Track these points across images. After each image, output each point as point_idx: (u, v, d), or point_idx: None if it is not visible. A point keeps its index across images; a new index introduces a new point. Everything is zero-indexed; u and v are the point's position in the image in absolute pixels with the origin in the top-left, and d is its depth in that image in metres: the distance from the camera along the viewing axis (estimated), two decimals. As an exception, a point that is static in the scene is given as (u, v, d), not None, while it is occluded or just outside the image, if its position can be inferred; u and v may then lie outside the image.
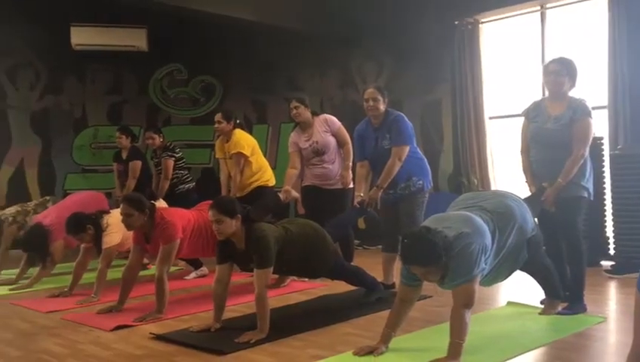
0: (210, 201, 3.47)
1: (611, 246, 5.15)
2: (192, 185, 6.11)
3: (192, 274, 5.25)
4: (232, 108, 6.64)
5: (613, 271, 4.76)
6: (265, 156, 5.67)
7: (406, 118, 4.22)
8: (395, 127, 4.14)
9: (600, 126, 5.21)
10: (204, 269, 5.26)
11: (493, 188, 6.09)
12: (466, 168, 6.30)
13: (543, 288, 3.60)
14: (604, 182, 5.19)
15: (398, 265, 3.58)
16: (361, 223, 6.43)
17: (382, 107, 4.17)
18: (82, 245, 4.51)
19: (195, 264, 5.27)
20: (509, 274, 3.28)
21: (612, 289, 4.42)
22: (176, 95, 7.72)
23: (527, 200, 3.44)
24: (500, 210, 3.09)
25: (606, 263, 5.09)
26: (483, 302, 3.84)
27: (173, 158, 5.96)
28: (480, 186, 6.09)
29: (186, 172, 6.14)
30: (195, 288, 4.82)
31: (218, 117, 5.28)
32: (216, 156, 5.55)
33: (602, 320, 3.45)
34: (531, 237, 3.22)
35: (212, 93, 7.73)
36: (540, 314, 3.56)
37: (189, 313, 3.89)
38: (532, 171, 3.69)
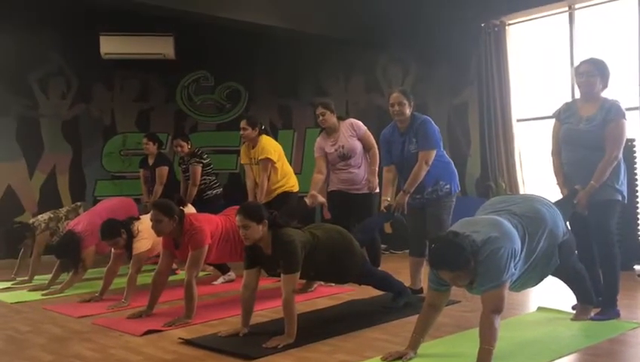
0: (237, 206, 3.49)
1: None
2: (219, 190, 6.17)
3: (220, 279, 5.29)
4: (258, 114, 6.69)
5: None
6: (290, 162, 5.69)
7: (432, 122, 4.20)
8: (422, 131, 4.11)
9: (632, 127, 5.10)
10: (231, 274, 5.29)
11: (521, 191, 6.01)
12: (494, 172, 6.22)
13: (575, 293, 3.54)
14: (636, 185, 5.09)
15: (425, 270, 3.57)
16: (388, 228, 6.41)
17: (407, 111, 4.15)
18: (113, 251, 4.58)
19: (223, 269, 5.31)
20: (540, 280, 3.23)
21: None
22: (203, 101, 7.79)
23: (558, 203, 3.39)
24: (530, 214, 3.05)
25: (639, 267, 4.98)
26: (513, 307, 3.79)
27: (201, 164, 6.02)
28: (508, 190, 6.02)
29: (214, 178, 6.20)
30: (223, 293, 4.85)
31: (243, 123, 5.32)
32: (242, 162, 5.59)
33: (637, 326, 3.38)
34: (563, 242, 3.17)
35: (238, 100, 7.79)
36: (571, 319, 3.50)
37: (217, 318, 3.91)
38: (564, 173, 3.63)
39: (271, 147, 5.27)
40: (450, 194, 4.17)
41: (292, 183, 5.37)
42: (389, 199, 4.26)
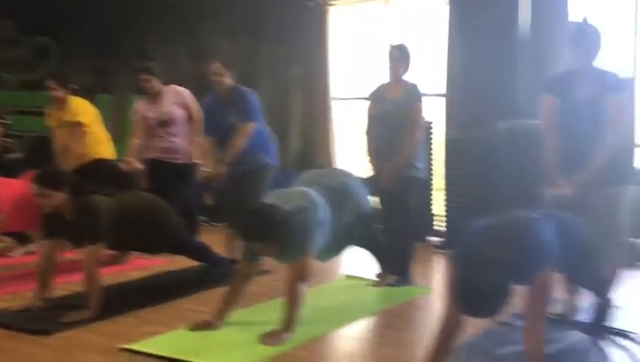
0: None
1: (437, 223, 5.56)
2: (21, 154, 5.63)
3: (19, 251, 4.85)
4: (71, 74, 6.17)
5: (442, 247, 5.17)
6: (108, 128, 5.34)
7: (252, 94, 4.21)
8: (242, 104, 4.11)
9: (434, 111, 5.59)
10: (32, 246, 4.87)
11: (337, 166, 6.30)
12: (313, 147, 6.45)
13: (378, 261, 3.82)
14: (432, 164, 5.57)
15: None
16: (208, 199, 6.33)
17: (227, 81, 4.12)
18: None
19: (23, 239, 4.87)
20: (345, 248, 3.43)
21: (439, 263, 4.81)
22: (5, 56, 6.99)
23: (367, 179, 3.62)
24: (338, 187, 3.21)
25: (433, 239, 5.50)
26: (321, 275, 3.96)
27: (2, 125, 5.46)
28: (327, 165, 6.27)
29: (16, 140, 5.64)
30: (20, 265, 4.45)
31: (51, 83, 4.87)
32: (50, 124, 5.13)
33: (428, 292, 3.75)
34: (366, 214, 3.39)
35: (46, 56, 7.09)
36: (372, 286, 3.78)
37: (10, 291, 3.58)
38: (374, 150, 3.86)
39: (83, 109, 4.89)
40: (268, 167, 4.24)
41: (106, 150, 5.05)
42: (208, 169, 4.21)
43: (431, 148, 5.53)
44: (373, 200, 3.79)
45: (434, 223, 5.61)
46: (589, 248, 2.56)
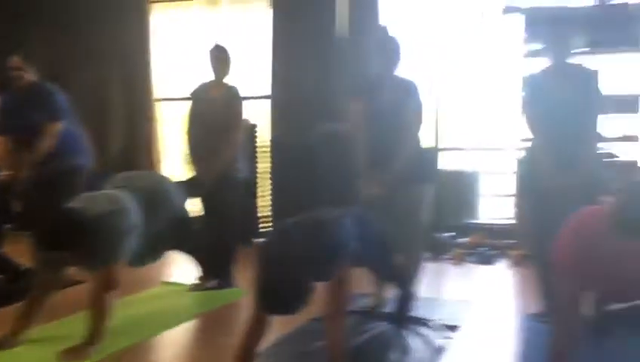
0: None
1: (264, 225, 5.61)
2: None
3: None
4: None
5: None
6: None
7: (58, 93, 3.90)
8: (48, 102, 3.80)
9: (261, 114, 5.65)
10: None
11: (163, 168, 6.11)
12: (136, 148, 6.18)
13: (197, 265, 3.74)
14: (257, 166, 5.61)
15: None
16: (17, 205, 5.77)
17: (28, 77, 3.79)
18: None
19: None
20: (162, 254, 3.32)
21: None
22: None
23: (186, 180, 3.53)
24: (151, 190, 3.10)
25: (260, 241, 5.52)
26: (137, 283, 3.80)
27: None
28: (150, 167, 6.04)
29: None
30: None
31: None
32: None
33: (246, 293, 3.74)
34: (183, 217, 3.31)
35: None
36: (192, 290, 3.70)
37: None
38: (193, 152, 3.77)
39: None
40: (78, 169, 3.96)
41: None
42: (9, 173, 3.83)
43: (255, 150, 5.58)
44: (193, 202, 3.72)
45: (260, 225, 5.65)
46: (389, 244, 2.74)
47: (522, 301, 3.60)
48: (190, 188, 3.55)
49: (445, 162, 5.55)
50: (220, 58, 3.79)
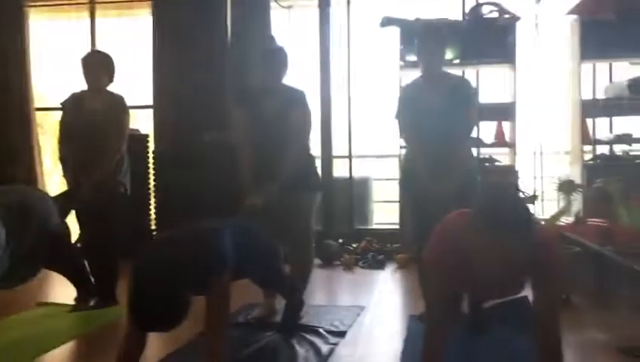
0: None
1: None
2: None
3: None
4: None
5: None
6: None
7: None
8: None
9: (145, 123, 5.47)
10: None
11: (39, 181, 5.74)
12: (9, 159, 5.76)
13: (74, 285, 3.54)
14: (148, 178, 5.41)
15: None
16: None
17: None
18: None
19: None
20: (34, 273, 3.10)
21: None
22: None
23: (62, 194, 3.33)
24: (18, 205, 2.89)
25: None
26: (9, 305, 3.54)
27: None
28: (27, 179, 5.65)
29: None
30: None
31: None
32: None
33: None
34: (56, 234, 3.11)
35: None
36: (70, 311, 3.48)
37: None
38: (70, 164, 3.56)
39: None
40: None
41: None
42: None
43: (147, 161, 5.38)
44: (71, 217, 3.51)
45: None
46: (275, 254, 2.72)
47: (409, 303, 3.71)
48: (65, 202, 3.34)
49: (337, 170, 5.65)
50: (94, 65, 3.61)
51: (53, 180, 5.46)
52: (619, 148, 5.09)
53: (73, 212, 3.56)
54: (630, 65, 5.14)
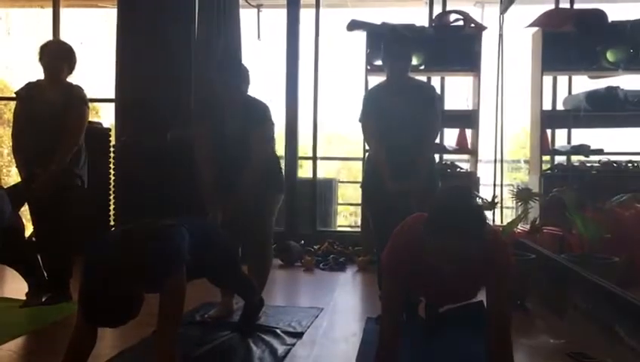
0: None
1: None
2: None
3: None
4: None
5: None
6: None
7: None
8: None
9: (108, 117, 5.37)
10: None
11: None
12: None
13: (26, 279, 3.45)
14: (110, 172, 5.30)
15: None
16: None
17: None
18: None
19: None
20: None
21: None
22: None
23: (14, 186, 3.24)
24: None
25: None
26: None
27: None
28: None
29: None
30: None
31: None
32: None
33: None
34: (8, 227, 3.03)
35: None
36: (21, 307, 3.38)
37: None
38: (23, 155, 3.46)
39: None
40: None
41: None
42: None
43: (109, 156, 5.28)
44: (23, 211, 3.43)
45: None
46: (234, 254, 2.70)
47: (367, 305, 3.73)
48: (19, 193, 3.25)
49: (301, 171, 5.65)
50: (53, 55, 3.51)
51: (11, 171, 5.30)
52: (576, 159, 5.22)
53: (27, 204, 3.48)
54: (589, 78, 5.29)
